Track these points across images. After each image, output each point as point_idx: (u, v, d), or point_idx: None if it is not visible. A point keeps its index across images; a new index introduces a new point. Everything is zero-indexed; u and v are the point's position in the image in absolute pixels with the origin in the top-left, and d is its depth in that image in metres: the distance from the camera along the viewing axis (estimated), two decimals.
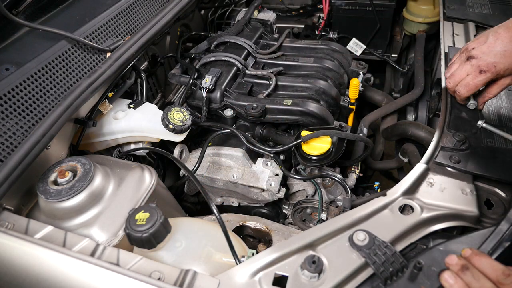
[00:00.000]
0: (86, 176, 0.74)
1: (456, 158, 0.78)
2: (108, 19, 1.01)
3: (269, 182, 1.03)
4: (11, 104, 0.77)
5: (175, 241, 0.71)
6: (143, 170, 0.83)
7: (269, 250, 0.63)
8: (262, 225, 0.95)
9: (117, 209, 0.75)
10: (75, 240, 0.65)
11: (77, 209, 0.73)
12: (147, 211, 0.65)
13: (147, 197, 0.79)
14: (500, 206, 0.75)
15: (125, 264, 0.61)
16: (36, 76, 0.82)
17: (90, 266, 0.59)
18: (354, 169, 1.15)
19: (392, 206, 0.72)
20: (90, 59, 0.94)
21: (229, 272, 0.61)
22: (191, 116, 0.98)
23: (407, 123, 1.17)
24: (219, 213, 0.74)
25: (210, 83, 1.06)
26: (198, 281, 0.59)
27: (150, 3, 1.14)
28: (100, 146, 1.01)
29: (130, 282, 0.57)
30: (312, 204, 1.00)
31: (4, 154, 0.73)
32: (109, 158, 0.90)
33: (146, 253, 0.67)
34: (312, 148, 0.96)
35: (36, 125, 0.76)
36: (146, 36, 0.99)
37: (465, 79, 0.86)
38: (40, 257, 0.61)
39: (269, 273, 0.61)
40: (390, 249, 0.61)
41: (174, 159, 0.96)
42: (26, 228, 0.67)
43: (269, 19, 1.40)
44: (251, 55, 1.22)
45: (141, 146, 1.02)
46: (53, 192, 0.72)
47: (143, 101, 1.05)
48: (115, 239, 0.71)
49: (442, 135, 0.84)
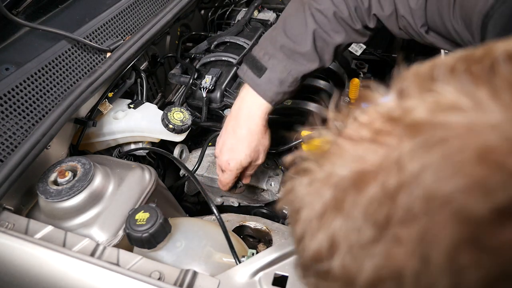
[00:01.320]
0: (86, 176, 0.74)
1: None
2: (108, 19, 1.01)
3: (269, 182, 1.03)
4: (11, 104, 0.77)
5: (175, 241, 0.71)
6: (143, 170, 0.83)
7: (269, 250, 0.63)
8: (262, 225, 0.95)
9: (117, 209, 0.75)
10: (75, 240, 0.65)
11: (77, 209, 0.73)
12: (147, 211, 0.65)
13: (147, 197, 0.79)
14: None
15: (125, 264, 0.61)
16: (36, 76, 0.82)
17: (90, 266, 0.59)
18: None
19: None
20: (90, 59, 0.94)
21: (229, 272, 0.61)
22: (191, 116, 0.98)
23: None
24: (219, 213, 0.74)
25: (210, 83, 1.06)
26: (198, 281, 0.59)
27: (150, 3, 1.14)
28: (100, 146, 1.01)
29: (130, 282, 0.57)
30: None
31: (4, 154, 0.73)
32: (109, 158, 0.90)
33: (146, 253, 0.67)
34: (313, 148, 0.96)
35: (36, 125, 0.76)
36: (146, 36, 0.99)
37: (220, 179, 0.91)
38: (40, 257, 0.61)
39: (269, 273, 0.61)
40: None
41: (174, 159, 0.96)
42: (26, 228, 0.67)
43: (269, 19, 1.40)
44: None
45: (141, 146, 1.02)
46: (53, 192, 0.72)
47: (143, 101, 1.05)
48: (115, 239, 0.71)
49: None
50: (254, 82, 0.81)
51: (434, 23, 0.69)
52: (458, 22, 0.63)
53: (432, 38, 0.73)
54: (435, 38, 0.73)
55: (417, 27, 0.71)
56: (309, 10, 0.77)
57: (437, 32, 0.71)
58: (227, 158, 0.86)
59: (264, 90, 0.80)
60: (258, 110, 0.82)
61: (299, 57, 0.78)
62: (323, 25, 0.77)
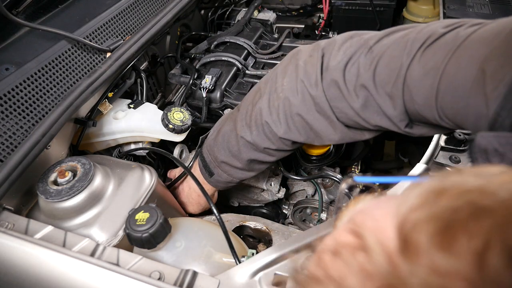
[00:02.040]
0: (86, 176, 0.74)
1: (456, 158, 0.78)
2: (108, 19, 1.01)
3: (269, 182, 1.03)
4: (11, 104, 0.77)
5: (175, 241, 0.71)
6: (143, 170, 0.83)
7: (269, 250, 0.63)
8: (262, 225, 0.95)
9: (117, 209, 0.75)
10: (75, 240, 0.65)
11: (77, 209, 0.73)
12: (147, 211, 0.65)
13: (147, 197, 0.79)
14: None
15: (125, 264, 0.61)
16: (36, 76, 0.82)
17: (90, 266, 0.59)
18: (354, 169, 1.15)
19: None
20: (90, 59, 0.94)
21: (229, 272, 0.61)
22: (191, 116, 0.98)
23: None
24: (219, 213, 0.74)
25: (210, 83, 1.06)
26: (198, 281, 0.59)
27: (150, 3, 1.14)
28: (100, 146, 1.01)
29: (130, 282, 0.57)
30: (312, 204, 1.00)
31: (4, 154, 0.73)
32: (109, 158, 0.90)
33: (146, 253, 0.67)
34: (312, 148, 0.96)
35: (36, 125, 0.76)
36: (146, 36, 0.99)
37: None
38: (40, 257, 0.61)
39: (269, 273, 0.61)
40: None
41: (174, 159, 0.96)
42: (26, 228, 0.67)
43: (269, 19, 1.40)
44: (251, 55, 1.22)
45: (141, 146, 1.02)
46: (53, 192, 0.72)
47: (143, 101, 1.05)
48: (115, 239, 0.71)
49: (442, 135, 0.84)
50: (208, 179, 0.93)
51: (419, 117, 0.63)
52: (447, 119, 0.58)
53: (419, 130, 0.67)
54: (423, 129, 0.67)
55: (401, 128, 0.66)
56: (241, 140, 0.82)
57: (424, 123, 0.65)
58: (190, 204, 1.01)
59: (214, 185, 0.93)
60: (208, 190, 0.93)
61: (239, 170, 0.87)
62: (255, 153, 0.82)
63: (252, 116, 0.79)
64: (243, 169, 0.87)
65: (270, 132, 0.77)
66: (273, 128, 0.76)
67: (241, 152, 0.83)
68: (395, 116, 0.63)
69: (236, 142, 0.83)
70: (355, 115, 0.68)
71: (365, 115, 0.67)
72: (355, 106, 0.66)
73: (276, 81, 0.77)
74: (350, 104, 0.67)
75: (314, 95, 0.70)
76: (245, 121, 0.81)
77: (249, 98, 0.83)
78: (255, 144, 0.80)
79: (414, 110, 0.61)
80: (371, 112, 0.66)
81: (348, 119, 0.70)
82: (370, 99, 0.65)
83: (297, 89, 0.72)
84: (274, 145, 0.79)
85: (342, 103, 0.68)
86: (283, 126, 0.75)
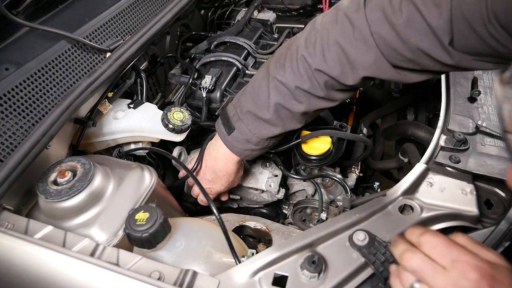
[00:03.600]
0: (86, 176, 0.74)
1: (456, 158, 0.78)
2: (108, 19, 1.01)
3: (268, 183, 1.03)
4: (11, 104, 0.77)
5: (175, 241, 0.71)
6: (143, 170, 0.83)
7: (269, 250, 0.63)
8: (262, 225, 0.95)
9: (117, 209, 0.75)
10: (75, 240, 0.65)
11: (77, 209, 0.73)
12: (147, 211, 0.65)
13: (147, 197, 0.79)
14: (500, 206, 0.75)
15: (125, 264, 0.61)
16: (36, 76, 0.82)
17: (90, 266, 0.59)
18: (354, 169, 1.15)
19: (392, 206, 0.72)
20: (90, 59, 0.94)
21: (229, 272, 0.61)
22: (191, 116, 0.98)
23: (407, 123, 1.17)
24: (219, 213, 0.74)
25: (210, 83, 1.06)
26: (198, 281, 0.59)
27: (150, 3, 1.14)
28: (100, 146, 1.01)
29: (130, 282, 0.57)
30: (312, 204, 1.00)
31: (4, 154, 0.73)
32: (109, 158, 0.90)
33: (146, 253, 0.67)
34: (312, 148, 0.96)
35: (36, 125, 0.76)
36: (146, 36, 0.99)
37: (194, 191, 1.05)
38: (40, 257, 0.61)
39: (269, 273, 0.61)
40: (390, 249, 0.61)
41: (174, 159, 0.96)
42: (26, 228, 0.67)
43: (269, 19, 1.40)
44: (251, 55, 1.22)
45: (141, 146, 1.02)
46: (53, 192, 0.72)
47: (143, 101, 1.05)
48: (115, 239, 0.71)
49: (442, 135, 0.84)
50: (225, 138, 0.91)
51: (463, 37, 0.61)
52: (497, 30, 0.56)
53: (460, 57, 0.64)
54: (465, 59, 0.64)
55: (444, 44, 0.63)
56: (272, 81, 0.81)
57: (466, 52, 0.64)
58: (208, 187, 0.99)
59: (232, 146, 0.90)
60: (232, 159, 0.93)
61: (263, 122, 0.85)
62: (285, 96, 0.81)
63: (287, 56, 0.80)
64: (268, 121, 0.84)
65: (304, 66, 0.77)
66: (308, 60, 0.76)
67: (270, 96, 0.81)
68: (440, 27, 0.62)
69: (266, 86, 0.81)
70: (395, 39, 0.67)
71: (406, 33, 0.66)
72: (398, 22, 0.66)
73: (315, 21, 0.79)
74: (393, 22, 0.66)
75: (354, 19, 0.71)
76: (279, 63, 0.81)
77: (285, 45, 0.85)
78: (287, 84, 0.79)
79: (461, 14, 0.59)
80: (413, 29, 0.65)
81: (386, 46, 0.69)
82: (414, 14, 0.64)
83: (336, 20, 0.74)
84: (305, 84, 0.78)
85: (384, 27, 0.68)
86: (318, 56, 0.75)
